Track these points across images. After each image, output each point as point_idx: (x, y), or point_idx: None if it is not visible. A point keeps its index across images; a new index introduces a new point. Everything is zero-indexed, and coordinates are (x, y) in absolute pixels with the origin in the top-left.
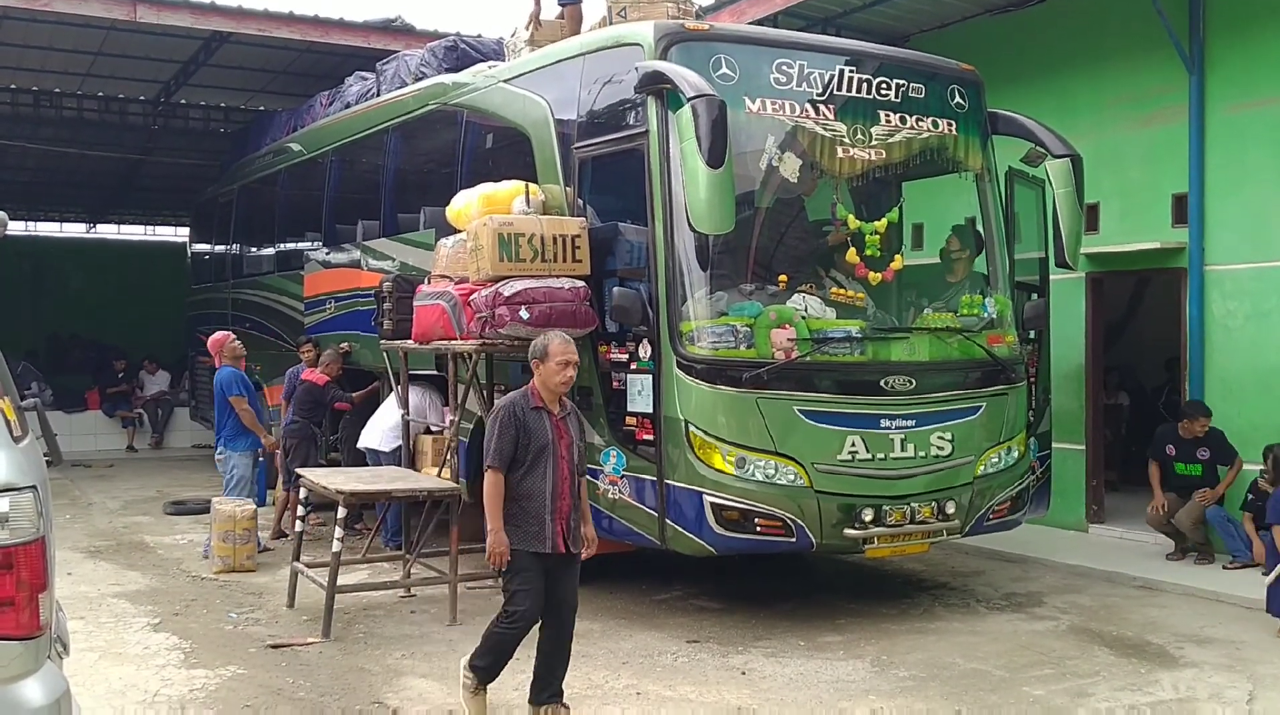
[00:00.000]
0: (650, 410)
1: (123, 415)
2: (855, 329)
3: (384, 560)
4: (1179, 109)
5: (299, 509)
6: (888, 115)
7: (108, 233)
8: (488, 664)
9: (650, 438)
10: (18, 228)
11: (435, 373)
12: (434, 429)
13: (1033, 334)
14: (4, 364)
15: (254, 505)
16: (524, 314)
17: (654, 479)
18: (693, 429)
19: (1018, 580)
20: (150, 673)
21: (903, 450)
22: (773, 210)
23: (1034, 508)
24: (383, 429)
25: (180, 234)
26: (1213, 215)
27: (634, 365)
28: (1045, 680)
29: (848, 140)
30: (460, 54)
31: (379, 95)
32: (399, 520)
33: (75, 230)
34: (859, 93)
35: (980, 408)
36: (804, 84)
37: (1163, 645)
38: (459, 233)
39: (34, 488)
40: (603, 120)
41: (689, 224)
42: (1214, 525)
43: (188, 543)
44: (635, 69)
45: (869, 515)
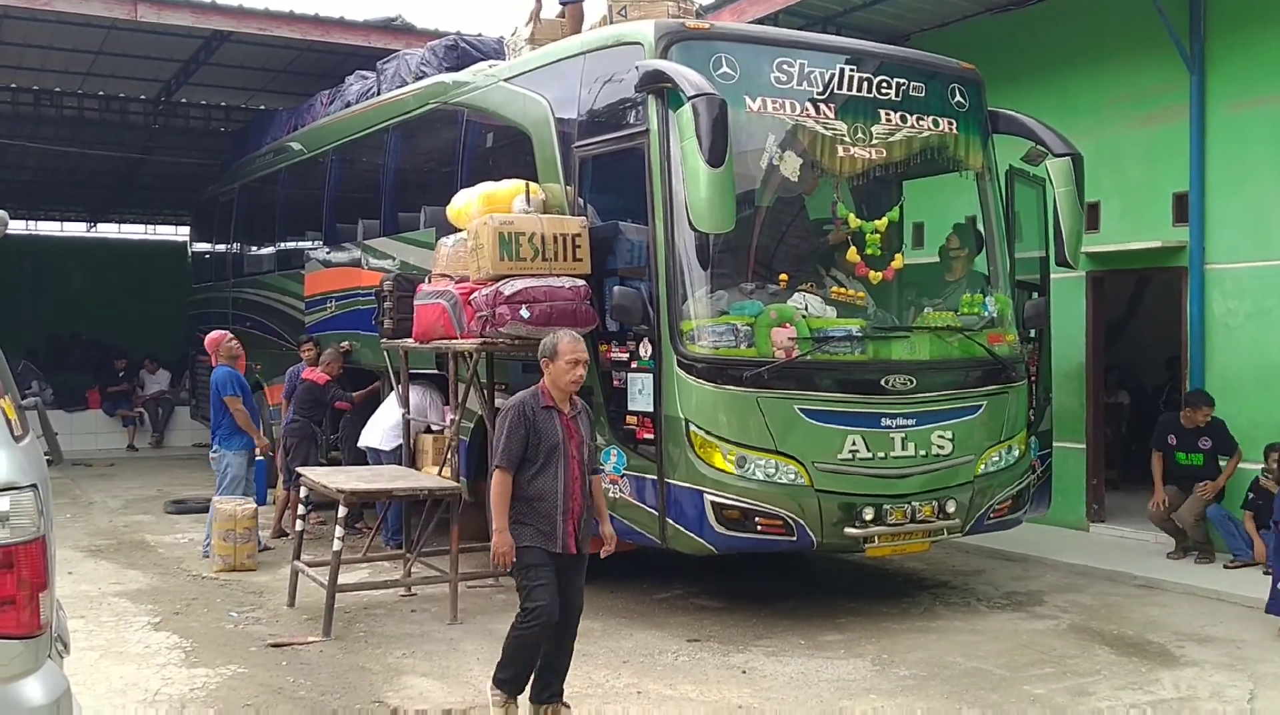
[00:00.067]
0: (651, 409)
1: (123, 414)
2: (856, 328)
3: (384, 559)
4: (1179, 108)
5: (299, 508)
6: (888, 114)
7: (108, 232)
8: (512, 674)
9: (651, 437)
10: (18, 227)
11: (436, 372)
12: (434, 428)
13: (1033, 333)
14: (4, 363)
15: (254, 504)
16: (524, 313)
17: (654, 478)
18: (693, 428)
19: (1018, 579)
20: (151, 672)
21: (903, 449)
22: (773, 209)
23: (1035, 507)
24: (383, 428)
25: (181, 233)
26: (1213, 214)
27: (634, 364)
28: (1046, 679)
29: (848, 139)
30: (461, 53)
31: (379, 94)
32: (399, 519)
33: (76, 229)
34: (859, 91)
35: (981, 407)
36: (804, 83)
37: (1163, 644)
38: (459, 232)
39: (35, 487)
40: (603, 119)
41: (689, 223)
42: (1215, 524)
43: (188, 542)
44: (636, 68)
45: (869, 514)
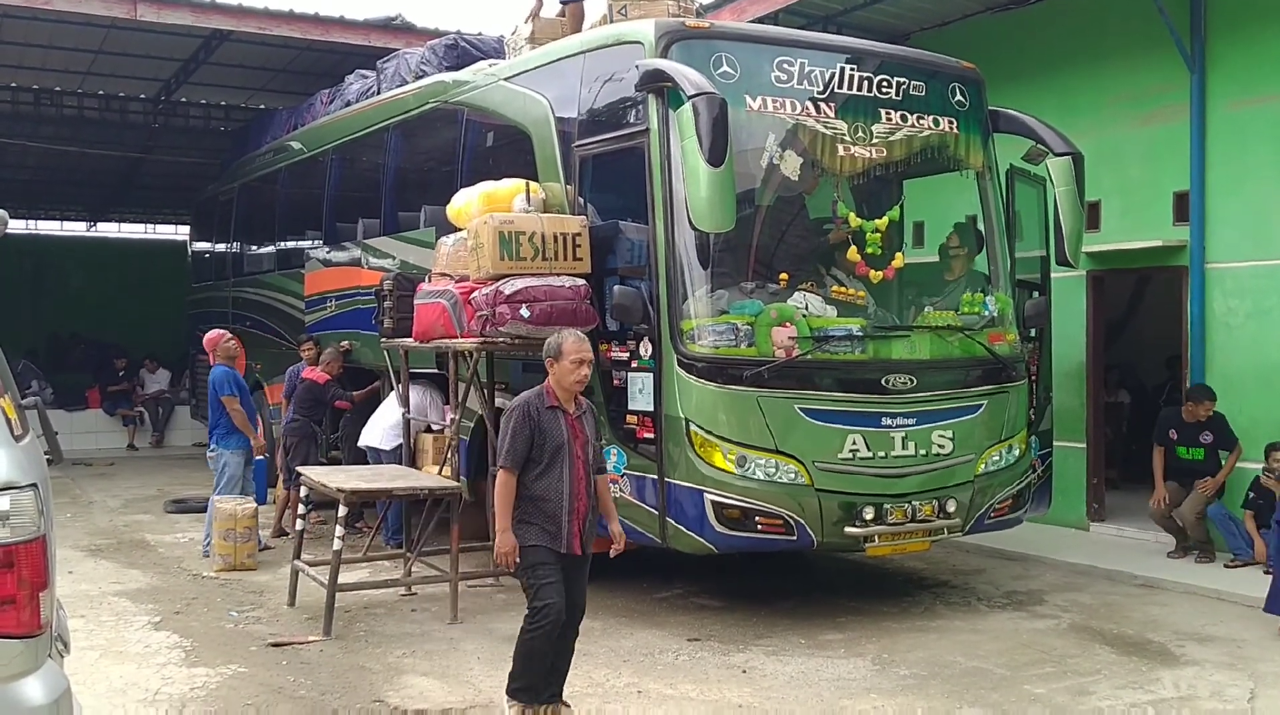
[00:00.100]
0: (651, 408)
1: (123, 413)
2: (856, 327)
3: (385, 559)
4: (1180, 107)
5: (300, 507)
6: (889, 113)
7: (108, 231)
8: (525, 683)
9: (651, 436)
10: (18, 226)
11: (436, 371)
12: (435, 427)
13: (1034, 332)
14: (4, 362)
15: (254, 503)
16: (524, 312)
17: (655, 477)
18: (693, 427)
19: (1019, 578)
20: (151, 671)
21: (903, 448)
22: (773, 208)
23: (1035, 506)
24: (383, 427)
25: (181, 232)
26: (1214, 213)
27: (635, 363)
28: (1046, 678)
29: (849, 138)
30: (461, 52)
31: (379, 93)
32: (400, 518)
33: (76, 229)
34: (860, 91)
35: (981, 406)
36: (805, 82)
37: (1164, 643)
38: (459, 231)
39: (35, 486)
40: (603, 118)
41: (690, 222)
42: (1215, 523)
43: (188, 541)
44: (636, 67)
45: (870, 513)
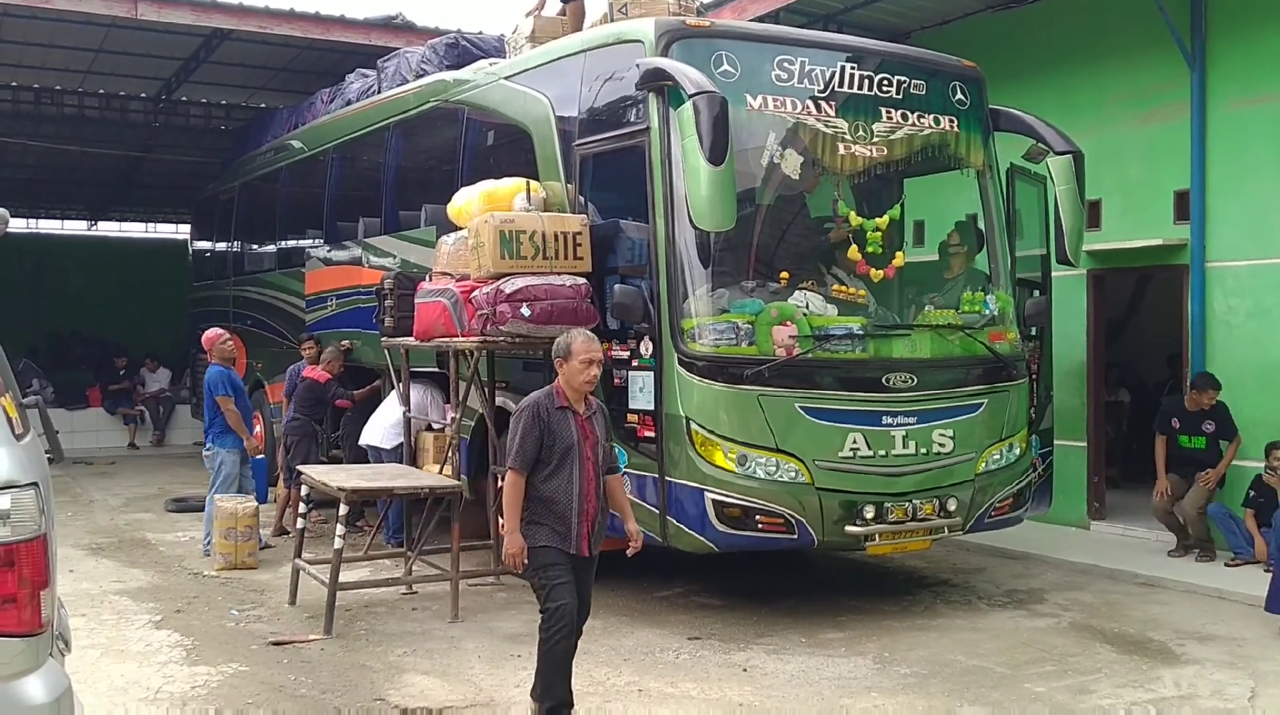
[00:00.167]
0: (651, 407)
1: (124, 412)
2: (857, 326)
3: (385, 557)
4: (1180, 105)
5: (300, 506)
6: (889, 112)
7: (109, 230)
8: (556, 698)
9: (651, 435)
10: (19, 225)
11: (436, 370)
12: (435, 426)
13: (1034, 331)
14: (5, 361)
15: (255, 502)
16: (525, 311)
17: (655, 476)
18: (694, 426)
19: (1019, 577)
20: (152, 670)
21: (904, 447)
22: (774, 207)
23: (1036, 505)
24: (384, 426)
25: (181, 231)
26: (1214, 212)
27: (635, 362)
28: (1047, 677)
29: (849, 137)
30: (461, 51)
31: (380, 92)
32: (401, 517)
33: (76, 228)
34: (860, 89)
35: (982, 405)
36: (805, 81)
37: (1164, 642)
38: (460, 230)
39: (35, 485)
40: (604, 117)
41: (690, 221)
42: (1216, 521)
43: (189, 540)
44: (636, 66)
45: (870, 512)
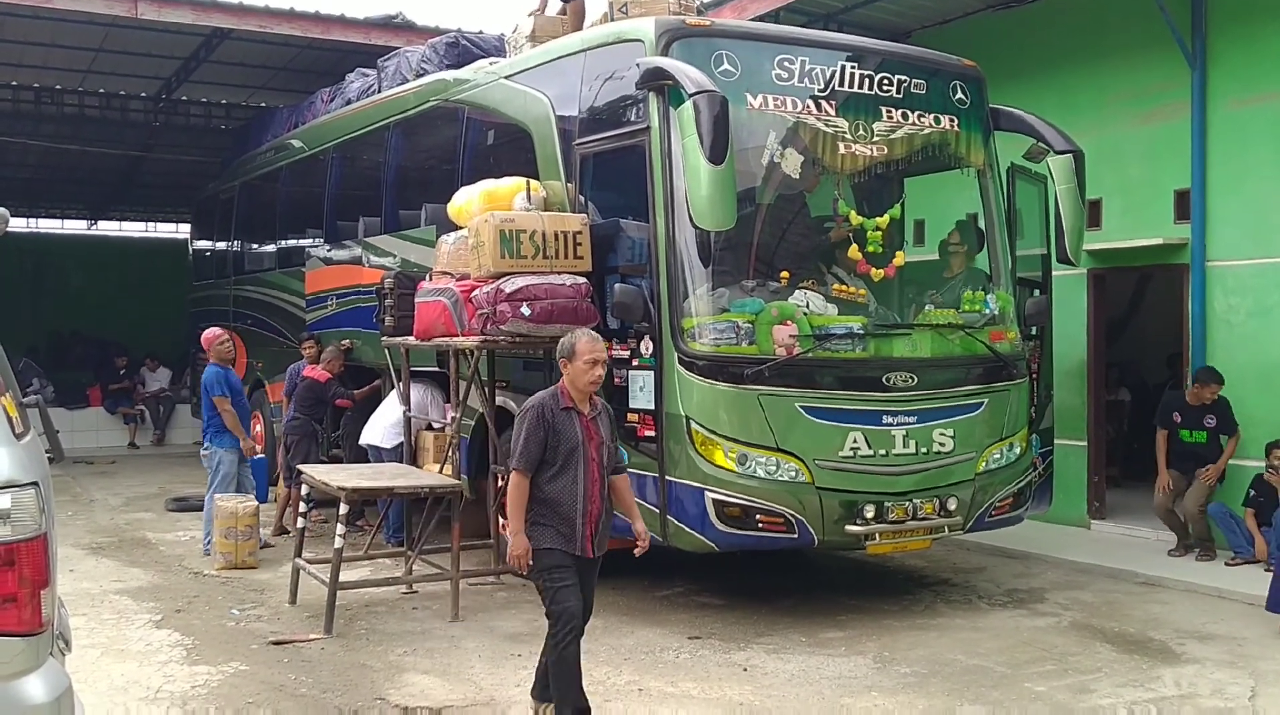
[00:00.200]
0: (652, 407)
1: (124, 412)
2: (857, 325)
3: (386, 557)
4: (1181, 105)
5: (301, 505)
6: (889, 111)
7: (109, 230)
8: (573, 705)
9: (652, 434)
10: (19, 224)
11: (437, 369)
12: (435, 425)
13: (1035, 330)
14: (5, 360)
15: (255, 501)
16: (525, 311)
17: (655, 475)
18: (694, 425)
19: (1020, 576)
20: (152, 669)
21: (904, 446)
22: (774, 206)
23: (1036, 504)
24: (384, 425)
25: (181, 231)
26: (1215, 211)
27: (635, 362)
28: (1047, 676)
29: (849, 136)
30: (461, 50)
31: (380, 92)
32: (401, 517)
33: (76, 227)
34: (861, 88)
35: (982, 404)
36: (806, 80)
37: (1165, 641)
38: (460, 229)
39: (36, 484)
40: (604, 116)
41: (690, 220)
42: (1216, 521)
43: (189, 539)
44: (637, 65)
45: (871, 511)
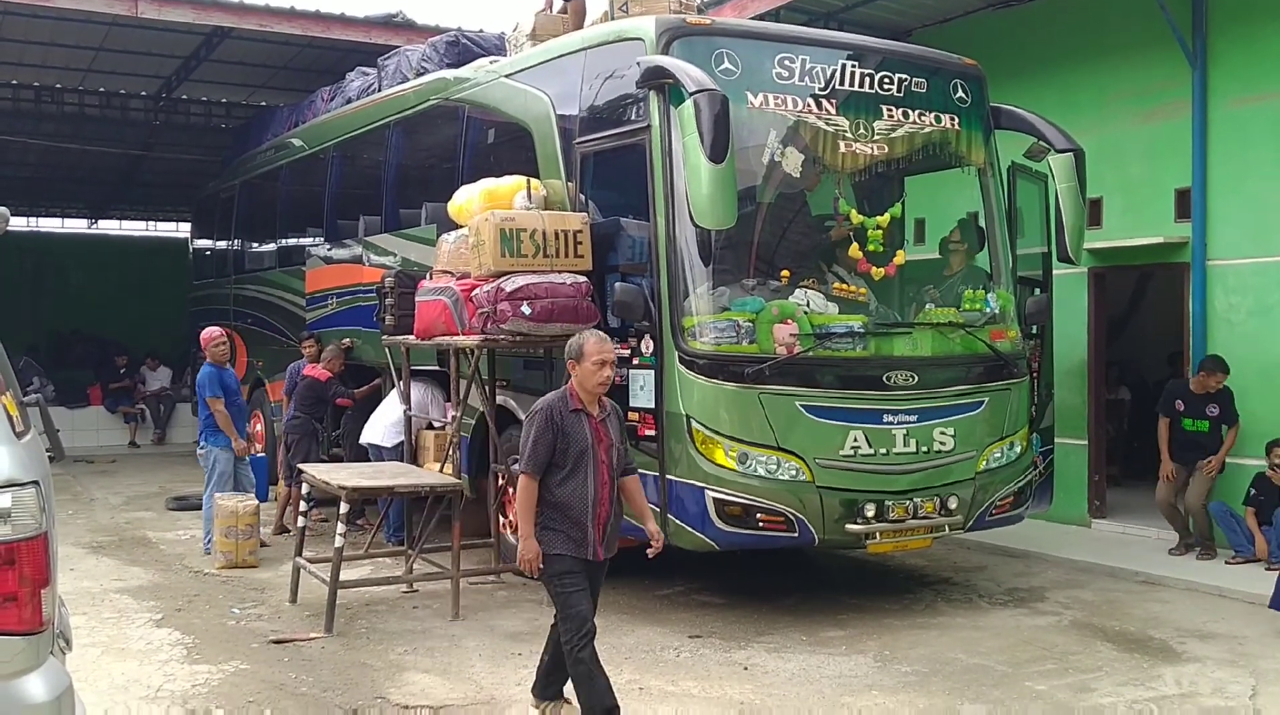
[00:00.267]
0: (652, 405)
1: (125, 411)
2: (858, 324)
3: (386, 556)
4: (1182, 104)
5: (301, 505)
6: (890, 110)
7: (109, 228)
8: (602, 706)
9: (652, 433)
10: (19, 223)
11: (437, 368)
12: (436, 424)
13: (1035, 329)
14: (5, 359)
15: (255, 500)
16: (526, 309)
17: (656, 474)
18: (695, 424)
19: (1020, 575)
20: (153, 668)
21: (905, 445)
22: (775, 205)
23: (1036, 503)
24: (385, 424)
25: (182, 230)
26: (1215, 210)
27: (636, 361)
28: (1048, 675)
29: (850, 135)
30: (462, 49)
31: (380, 90)
32: (401, 516)
33: (77, 226)
34: (861, 87)
35: (983, 403)
36: (806, 79)
37: (1165, 640)
38: (460, 228)
39: (36, 483)
40: (605, 115)
41: (691, 219)
42: (1217, 519)
43: (190, 538)
44: (637, 64)
45: (871, 510)
